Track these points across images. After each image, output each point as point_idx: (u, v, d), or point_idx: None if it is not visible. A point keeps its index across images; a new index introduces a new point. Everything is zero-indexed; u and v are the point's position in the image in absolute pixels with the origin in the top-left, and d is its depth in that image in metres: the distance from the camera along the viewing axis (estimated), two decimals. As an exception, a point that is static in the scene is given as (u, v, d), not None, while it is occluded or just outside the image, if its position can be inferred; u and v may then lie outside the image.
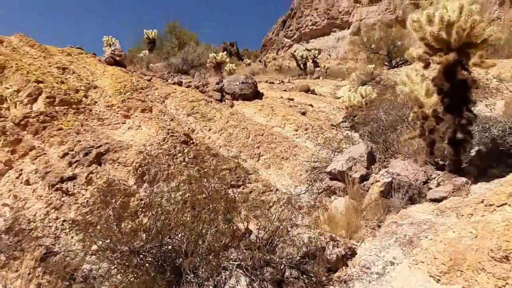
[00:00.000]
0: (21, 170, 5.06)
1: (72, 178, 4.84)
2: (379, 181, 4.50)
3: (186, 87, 9.74)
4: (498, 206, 2.78)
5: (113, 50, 9.72)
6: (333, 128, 8.33)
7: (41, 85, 6.55)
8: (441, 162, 4.84)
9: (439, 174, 4.45)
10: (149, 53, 17.86)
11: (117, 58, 9.44)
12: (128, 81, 8.23)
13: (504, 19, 22.71)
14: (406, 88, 4.99)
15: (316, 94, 13.08)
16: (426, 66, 4.49)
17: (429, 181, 4.42)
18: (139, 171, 5.24)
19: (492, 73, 8.57)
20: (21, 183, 4.92)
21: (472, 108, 4.34)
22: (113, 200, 3.49)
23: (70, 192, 4.71)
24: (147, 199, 3.58)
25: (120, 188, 4.76)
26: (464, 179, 4.12)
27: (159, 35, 20.15)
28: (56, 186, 4.74)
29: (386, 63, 20.07)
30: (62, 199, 4.62)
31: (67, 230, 4.25)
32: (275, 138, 7.50)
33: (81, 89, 7.17)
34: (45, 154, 5.29)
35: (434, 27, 4.10)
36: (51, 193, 4.66)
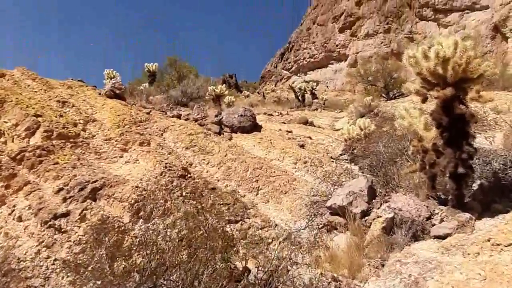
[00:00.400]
0: (14, 206, 4.94)
1: (66, 214, 4.71)
2: (380, 216, 4.39)
3: (185, 119, 9.77)
4: (505, 246, 2.68)
5: (114, 83, 9.83)
6: (332, 161, 8.26)
7: (39, 118, 6.56)
8: (443, 196, 4.74)
9: (442, 210, 4.35)
10: (149, 86, 18.12)
11: (117, 91, 9.53)
12: (127, 114, 8.26)
13: (496, 52, 23.27)
14: (405, 122, 4.98)
15: (314, 126, 13.13)
16: (424, 100, 4.51)
17: (432, 216, 4.31)
18: (135, 207, 5.12)
19: (489, 106, 8.64)
20: (13, 219, 4.79)
21: (472, 142, 4.31)
22: (106, 239, 3.38)
23: (63, 230, 4.57)
24: (142, 237, 3.46)
25: (114, 225, 4.62)
26: (468, 215, 4.01)
27: (159, 68, 20.58)
28: (49, 223, 4.61)
29: (384, 95, 20.31)
30: (54, 236, 4.48)
31: (58, 270, 4.07)
32: (274, 172, 7.42)
33: (80, 123, 7.17)
34: (39, 189, 5.19)
35: (430, 63, 4.15)
36: (44, 231, 4.52)
